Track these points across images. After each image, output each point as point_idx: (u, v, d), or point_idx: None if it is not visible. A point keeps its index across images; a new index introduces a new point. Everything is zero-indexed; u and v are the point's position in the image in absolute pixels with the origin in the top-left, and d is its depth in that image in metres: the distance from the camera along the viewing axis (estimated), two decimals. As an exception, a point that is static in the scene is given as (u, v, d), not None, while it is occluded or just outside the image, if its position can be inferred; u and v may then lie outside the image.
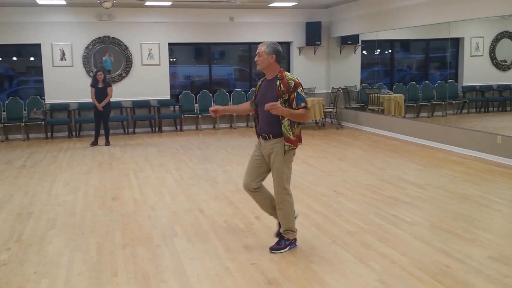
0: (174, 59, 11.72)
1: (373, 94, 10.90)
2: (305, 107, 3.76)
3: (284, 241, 4.01)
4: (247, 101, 11.79)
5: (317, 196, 5.54)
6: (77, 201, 5.56)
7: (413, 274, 3.49)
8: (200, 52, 12.46)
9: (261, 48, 3.85)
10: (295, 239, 4.07)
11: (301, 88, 3.77)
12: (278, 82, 3.80)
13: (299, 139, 3.95)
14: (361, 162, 7.32)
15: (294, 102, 3.74)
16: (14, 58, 11.56)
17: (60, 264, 3.79)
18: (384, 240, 4.17)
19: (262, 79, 4.04)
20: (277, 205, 3.98)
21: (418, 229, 4.43)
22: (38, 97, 10.66)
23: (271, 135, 3.88)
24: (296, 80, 3.80)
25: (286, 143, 3.84)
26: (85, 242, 4.25)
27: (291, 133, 3.81)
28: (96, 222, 4.79)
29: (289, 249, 3.99)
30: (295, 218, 4.09)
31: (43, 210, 5.22)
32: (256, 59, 3.89)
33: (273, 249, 3.98)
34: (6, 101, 10.45)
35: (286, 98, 3.77)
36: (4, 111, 10.38)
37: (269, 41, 3.92)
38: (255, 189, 4.04)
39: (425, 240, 4.15)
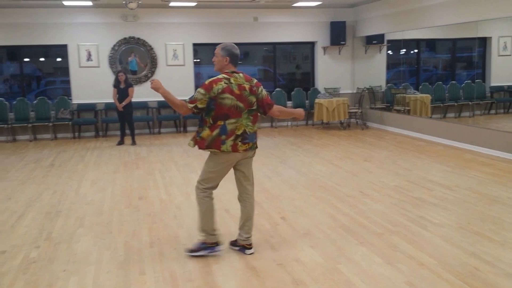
0: (198, 60, 11.78)
1: (399, 94, 10.76)
2: (187, 102, 3.74)
3: (200, 244, 3.90)
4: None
5: (343, 197, 5.49)
6: (104, 200, 5.64)
7: (442, 277, 3.43)
8: (225, 52, 12.47)
9: (217, 50, 3.84)
10: (216, 243, 3.90)
11: (200, 89, 3.70)
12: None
13: (205, 142, 3.80)
14: (387, 163, 7.23)
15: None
16: (42, 59, 11.80)
17: (88, 262, 3.85)
18: (412, 242, 4.10)
19: None
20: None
21: (446, 231, 4.34)
22: (65, 97, 10.86)
23: None
24: (206, 82, 3.74)
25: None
26: (113, 241, 4.30)
27: (200, 133, 3.81)
28: (123, 221, 4.85)
29: (208, 253, 3.87)
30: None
31: (72, 209, 5.31)
32: (213, 59, 3.89)
33: (187, 250, 3.94)
34: (35, 101, 10.68)
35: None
36: (32, 111, 10.61)
37: (226, 43, 3.91)
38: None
39: (454, 242, 4.07)
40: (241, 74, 3.83)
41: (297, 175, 6.61)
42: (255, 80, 3.92)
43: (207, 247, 3.89)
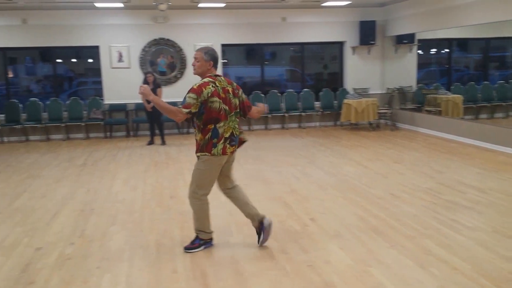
0: (225, 60, 11.84)
1: (430, 95, 10.57)
2: (180, 108, 3.73)
3: (199, 240, 4.08)
4: (298, 102, 11.77)
5: (373, 199, 5.43)
6: (136, 199, 5.73)
7: (476, 282, 3.36)
8: (252, 53, 12.53)
9: (199, 54, 3.84)
10: (211, 239, 4.14)
11: (190, 94, 3.72)
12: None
13: (198, 146, 3.90)
14: (418, 165, 7.12)
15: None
16: (73, 60, 12.07)
17: (121, 260, 3.92)
18: (445, 245, 4.03)
19: None
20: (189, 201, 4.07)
21: (479, 234, 4.25)
22: (97, 97, 11.08)
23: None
24: (195, 87, 3.76)
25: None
26: (145, 239, 4.37)
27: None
28: (154, 220, 4.92)
29: (204, 248, 4.07)
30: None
31: (104, 207, 5.42)
32: (193, 63, 3.88)
33: (186, 248, 4.06)
34: (67, 102, 10.94)
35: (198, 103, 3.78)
36: (65, 111, 10.87)
37: (206, 47, 3.93)
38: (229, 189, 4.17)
39: (488, 246, 3.98)
40: (222, 78, 3.92)
41: (326, 176, 6.58)
42: (235, 83, 4.04)
43: (206, 242, 4.10)
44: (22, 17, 10.43)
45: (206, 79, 3.82)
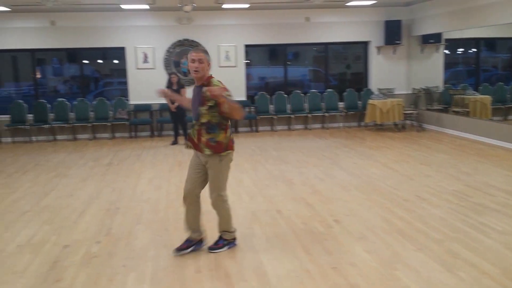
0: (248, 61, 11.85)
1: (458, 95, 10.36)
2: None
3: (222, 241, 4.10)
4: (321, 102, 11.69)
5: (399, 201, 5.35)
6: (160, 199, 5.78)
7: (505, 286, 3.27)
8: (275, 53, 12.51)
9: (203, 55, 3.76)
10: (234, 239, 4.17)
11: (228, 92, 3.67)
12: (204, 89, 3.76)
13: (223, 145, 3.92)
14: (445, 167, 6.98)
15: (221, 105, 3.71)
16: (99, 61, 12.26)
17: (146, 259, 3.96)
18: (473, 249, 3.94)
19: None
20: (213, 207, 4.06)
21: (509, 238, 4.14)
22: (123, 98, 11.23)
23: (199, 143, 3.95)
24: (223, 85, 3.74)
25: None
26: (169, 238, 4.40)
27: (215, 138, 3.88)
28: (179, 219, 4.94)
29: (228, 248, 4.08)
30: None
31: (129, 206, 5.48)
32: (196, 66, 3.74)
33: (210, 248, 4.08)
34: (94, 102, 11.12)
35: (213, 104, 3.72)
36: (92, 111, 11.05)
37: (202, 47, 3.96)
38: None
39: (519, 251, 3.88)
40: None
41: (350, 178, 6.51)
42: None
43: (229, 242, 4.13)
44: (51, 19, 10.66)
45: (214, 79, 3.84)
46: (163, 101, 10.47)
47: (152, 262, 3.88)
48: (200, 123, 3.83)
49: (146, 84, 11.13)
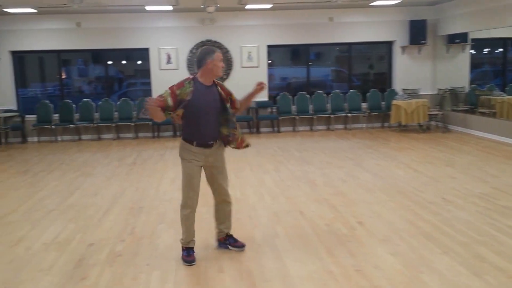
0: (270, 61, 11.82)
1: (484, 96, 10.14)
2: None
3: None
4: (345, 103, 11.59)
5: (423, 203, 5.26)
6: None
7: (537, 293, 3.19)
8: (297, 53, 12.47)
9: (222, 56, 3.85)
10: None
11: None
12: (218, 88, 3.84)
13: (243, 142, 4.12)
14: (471, 169, 6.84)
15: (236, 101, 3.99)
16: (123, 62, 12.41)
17: (170, 258, 3.98)
18: (500, 253, 3.85)
19: (190, 85, 3.81)
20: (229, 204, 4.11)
21: (540, 243, 4.04)
22: (146, 98, 11.31)
23: (216, 140, 3.95)
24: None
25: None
26: (192, 238, 4.41)
27: (237, 135, 4.04)
28: (201, 219, 4.92)
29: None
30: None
31: (153, 206, 5.53)
32: (223, 65, 3.85)
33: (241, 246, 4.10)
34: (118, 102, 11.26)
35: (229, 101, 3.92)
36: (116, 111, 11.20)
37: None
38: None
39: (549, 255, 3.77)
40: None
41: (374, 179, 6.43)
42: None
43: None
44: (76, 20, 10.84)
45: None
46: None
47: (175, 262, 3.90)
48: (224, 119, 3.89)
49: (169, 85, 11.13)
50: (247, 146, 4.06)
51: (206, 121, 3.80)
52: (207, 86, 3.82)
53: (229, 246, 4.10)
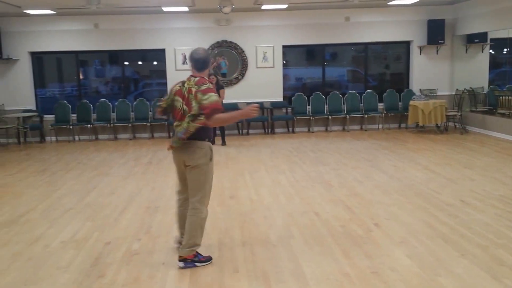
0: (285, 62, 11.80)
1: (504, 97, 9.98)
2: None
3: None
4: (361, 103, 11.52)
5: (441, 205, 5.19)
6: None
7: (558, 298, 3.12)
8: (313, 53, 12.42)
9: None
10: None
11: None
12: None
13: None
14: (490, 171, 6.73)
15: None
16: (139, 62, 12.50)
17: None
18: (520, 256, 3.78)
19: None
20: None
21: (561, 247, 3.95)
22: (162, 98, 11.37)
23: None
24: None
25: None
26: (207, 237, 4.41)
27: None
28: (216, 219, 4.98)
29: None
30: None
31: (168, 205, 5.56)
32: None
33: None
34: (134, 103, 11.35)
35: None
36: (132, 111, 11.29)
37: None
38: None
39: None
40: (197, 79, 3.79)
41: (391, 180, 6.37)
42: (204, 86, 3.72)
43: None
44: (94, 21, 10.97)
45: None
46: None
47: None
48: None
49: (185, 85, 11.24)
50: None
51: None
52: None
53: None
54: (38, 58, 11.51)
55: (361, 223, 4.70)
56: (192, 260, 3.78)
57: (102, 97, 11.62)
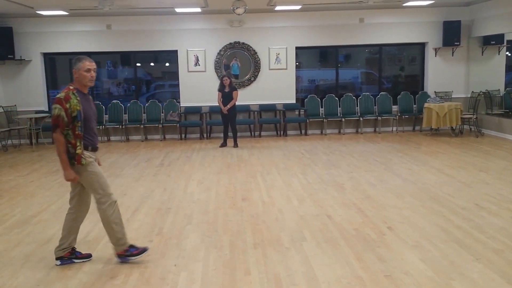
0: (297, 63, 11.75)
1: (520, 99, 9.83)
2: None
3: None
4: (374, 106, 11.42)
5: (456, 209, 5.11)
6: (210, 200, 5.81)
7: None
8: (326, 55, 12.36)
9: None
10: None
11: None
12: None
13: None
14: (506, 174, 6.62)
15: None
16: (151, 64, 12.55)
17: (197, 259, 3.97)
18: (537, 262, 3.70)
19: (76, 95, 3.85)
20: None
21: None
22: (174, 100, 11.44)
23: None
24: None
25: None
26: (219, 239, 4.40)
27: None
28: (228, 221, 4.95)
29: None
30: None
31: (180, 207, 5.55)
32: (93, 75, 3.95)
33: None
34: (146, 104, 11.39)
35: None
36: (144, 113, 11.33)
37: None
38: None
39: None
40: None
41: (404, 184, 6.30)
42: (58, 96, 3.78)
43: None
44: (107, 23, 11.03)
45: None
46: (213, 103, 10.58)
47: (202, 263, 3.89)
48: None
49: (197, 87, 11.29)
50: None
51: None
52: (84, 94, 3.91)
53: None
54: (50, 59, 11.61)
55: (374, 227, 4.65)
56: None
57: (114, 99, 11.67)
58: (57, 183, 6.95)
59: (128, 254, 3.91)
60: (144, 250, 3.97)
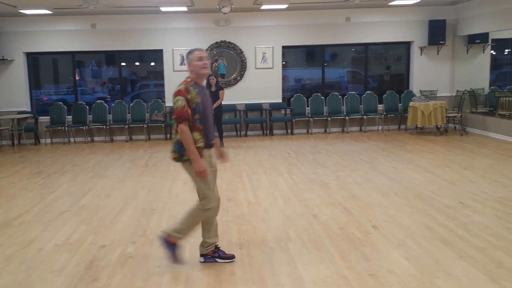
0: (284, 62, 11.74)
1: (504, 98, 9.93)
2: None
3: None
4: (360, 105, 11.46)
5: (441, 208, 5.13)
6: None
7: (559, 302, 3.06)
8: (312, 54, 12.37)
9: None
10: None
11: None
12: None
13: None
14: (490, 172, 6.68)
15: None
16: (136, 63, 12.44)
17: (182, 260, 3.92)
18: (520, 259, 3.73)
19: (194, 87, 3.68)
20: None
21: (561, 249, 3.90)
22: (159, 100, 11.36)
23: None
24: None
25: None
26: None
27: None
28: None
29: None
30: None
31: (165, 207, 5.50)
32: (206, 62, 3.73)
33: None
34: (131, 104, 11.29)
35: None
36: (129, 113, 11.22)
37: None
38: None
39: None
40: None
41: (389, 182, 6.32)
42: (177, 88, 3.69)
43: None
44: (91, 21, 10.90)
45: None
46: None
47: (187, 264, 3.85)
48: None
49: (183, 86, 11.19)
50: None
51: (209, 121, 3.84)
52: (203, 87, 3.83)
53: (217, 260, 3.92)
54: (33, 59, 11.44)
55: (360, 226, 4.65)
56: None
57: (98, 99, 11.55)
58: (40, 184, 6.86)
59: (171, 247, 3.80)
60: (179, 259, 3.83)
